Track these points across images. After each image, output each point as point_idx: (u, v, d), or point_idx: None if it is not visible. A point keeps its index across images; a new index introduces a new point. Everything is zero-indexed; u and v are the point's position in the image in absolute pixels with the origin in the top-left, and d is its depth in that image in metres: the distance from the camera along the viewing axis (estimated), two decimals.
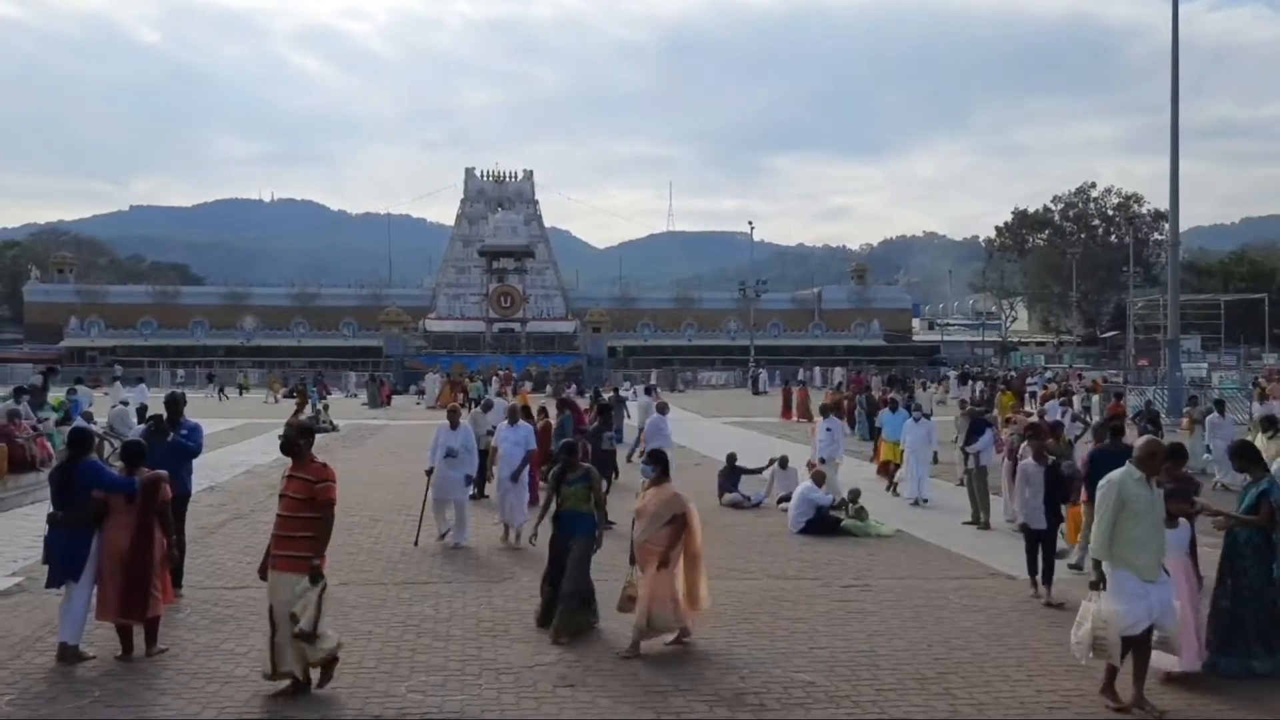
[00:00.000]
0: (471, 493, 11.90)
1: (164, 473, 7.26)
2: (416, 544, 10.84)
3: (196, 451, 8.82)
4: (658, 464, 7.66)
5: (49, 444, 16.68)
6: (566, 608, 7.47)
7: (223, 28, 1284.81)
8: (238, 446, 21.95)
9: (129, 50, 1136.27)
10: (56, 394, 23.37)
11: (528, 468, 11.84)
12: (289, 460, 6.37)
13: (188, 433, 8.74)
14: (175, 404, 8.90)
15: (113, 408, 20.39)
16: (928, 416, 15.84)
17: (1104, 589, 6.05)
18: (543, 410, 16.88)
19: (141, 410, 17.81)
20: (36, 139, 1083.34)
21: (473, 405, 16.10)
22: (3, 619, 7.82)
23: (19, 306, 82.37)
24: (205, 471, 13.70)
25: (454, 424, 11.55)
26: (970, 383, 44.39)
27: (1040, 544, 8.81)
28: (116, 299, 77.61)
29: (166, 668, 6.66)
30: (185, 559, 8.67)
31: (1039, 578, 8.80)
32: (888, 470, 15.97)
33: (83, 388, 26.55)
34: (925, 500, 14.24)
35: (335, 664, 6.22)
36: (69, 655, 6.71)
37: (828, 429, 14.40)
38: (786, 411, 32.17)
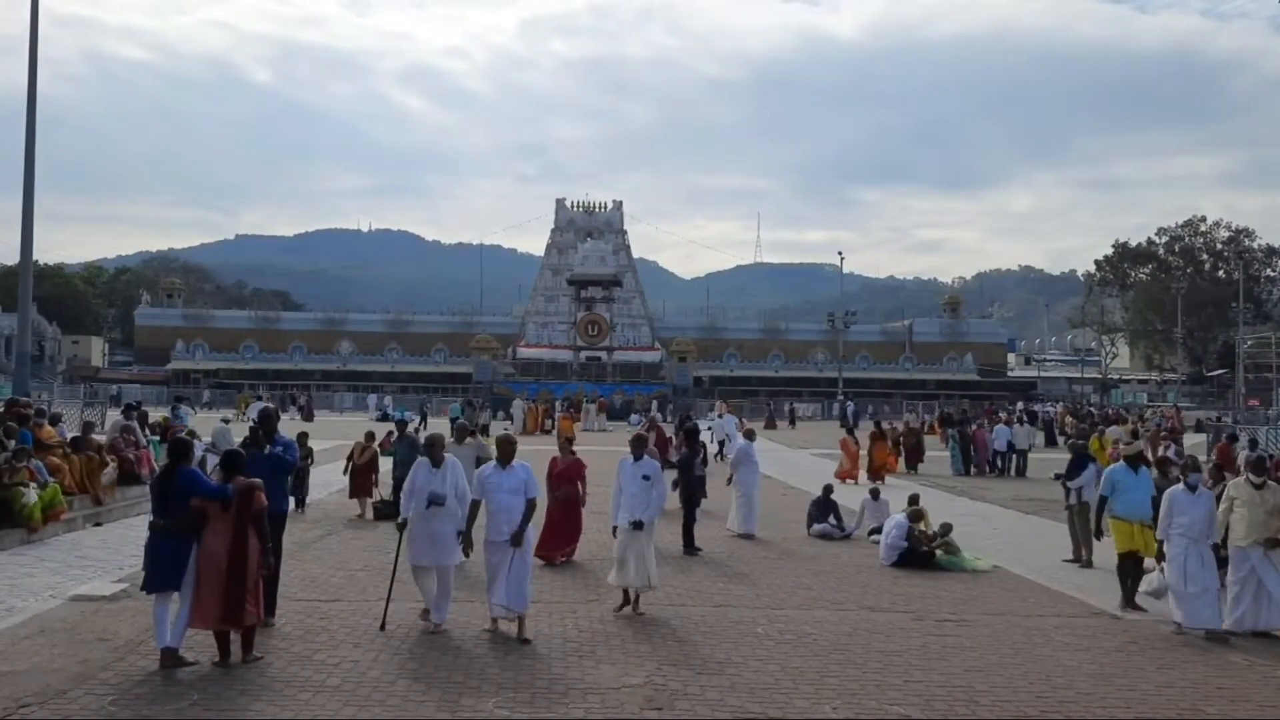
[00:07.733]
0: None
1: (259, 480, 7.33)
2: (383, 628, 8.00)
3: (293, 466, 8.89)
4: None
5: (153, 458, 17.25)
6: None
7: (331, 68, 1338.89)
8: (330, 466, 22.42)
9: (244, 89, 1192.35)
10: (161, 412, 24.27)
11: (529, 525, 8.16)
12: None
13: (283, 448, 8.66)
14: (269, 418, 8.68)
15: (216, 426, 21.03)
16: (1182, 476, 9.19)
17: None
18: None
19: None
20: (157, 172, 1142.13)
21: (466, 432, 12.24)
22: (108, 623, 8.09)
23: (130, 329, 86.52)
24: None
25: (436, 460, 8.22)
26: (1031, 416, 37.33)
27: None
28: (220, 323, 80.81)
29: (262, 675, 6.77)
30: (281, 572, 8.78)
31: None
32: (1132, 562, 9.75)
33: (184, 405, 27.50)
34: (1228, 631, 8.49)
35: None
36: (170, 660, 6.88)
37: (644, 476, 9.25)
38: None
